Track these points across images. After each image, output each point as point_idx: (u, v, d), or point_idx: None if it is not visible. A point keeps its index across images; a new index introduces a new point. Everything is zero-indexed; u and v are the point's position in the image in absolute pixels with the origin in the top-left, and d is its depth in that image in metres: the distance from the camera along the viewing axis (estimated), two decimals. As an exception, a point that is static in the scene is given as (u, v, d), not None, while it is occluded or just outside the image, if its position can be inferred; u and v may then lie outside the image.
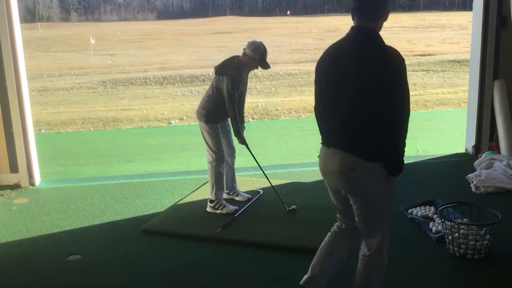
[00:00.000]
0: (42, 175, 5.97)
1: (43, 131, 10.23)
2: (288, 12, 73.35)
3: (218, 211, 4.63)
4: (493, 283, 3.44)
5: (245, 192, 5.10)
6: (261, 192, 5.16)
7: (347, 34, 2.65)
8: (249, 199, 4.97)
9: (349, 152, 2.57)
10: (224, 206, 4.65)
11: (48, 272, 3.72)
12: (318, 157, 2.80)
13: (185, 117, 11.15)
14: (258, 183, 5.45)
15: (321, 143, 2.78)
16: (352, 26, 2.63)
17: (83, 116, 11.56)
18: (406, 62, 2.60)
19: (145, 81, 18.50)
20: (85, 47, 32.07)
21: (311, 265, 2.99)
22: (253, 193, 5.14)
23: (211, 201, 4.68)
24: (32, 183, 5.77)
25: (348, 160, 2.58)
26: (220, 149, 4.62)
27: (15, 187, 5.69)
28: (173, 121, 10.84)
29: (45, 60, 27.03)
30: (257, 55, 4.47)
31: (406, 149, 2.67)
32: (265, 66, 4.58)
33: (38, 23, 64.96)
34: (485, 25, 5.97)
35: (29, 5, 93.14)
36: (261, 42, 4.56)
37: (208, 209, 4.71)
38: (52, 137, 9.65)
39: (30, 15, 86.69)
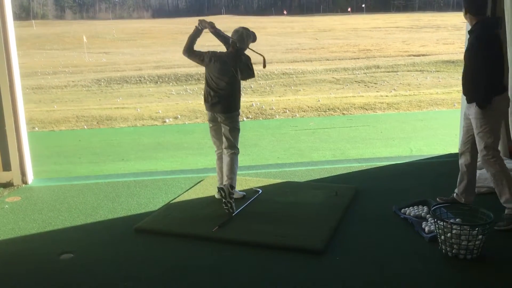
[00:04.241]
0: (35, 173, 5.93)
1: (37, 129, 10.19)
2: (285, 12, 73.35)
3: (233, 196, 4.64)
4: (485, 283, 3.45)
5: (243, 191, 5.12)
6: (260, 191, 5.15)
7: None
8: (244, 196, 4.99)
9: None
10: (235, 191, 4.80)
11: (40, 271, 3.71)
12: None
13: (179, 116, 11.12)
14: (251, 182, 5.44)
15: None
16: None
17: (77, 114, 11.51)
18: (401, 62, 2.63)
19: (140, 80, 18.46)
20: (80, 45, 31.96)
21: None
22: (252, 192, 5.13)
23: (232, 187, 4.65)
24: (24, 181, 5.74)
25: None
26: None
27: (8, 185, 5.65)
28: (167, 120, 10.82)
29: (39, 58, 26.93)
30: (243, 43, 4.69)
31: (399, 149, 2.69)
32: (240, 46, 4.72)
33: (33, 21, 64.68)
34: (479, 26, 5.98)
35: (23, 2, 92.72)
36: (242, 27, 4.77)
37: (217, 196, 4.85)
38: (46, 135, 9.61)
39: (24, 13, 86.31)
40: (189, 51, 4.77)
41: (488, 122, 4.03)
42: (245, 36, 4.70)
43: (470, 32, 4.11)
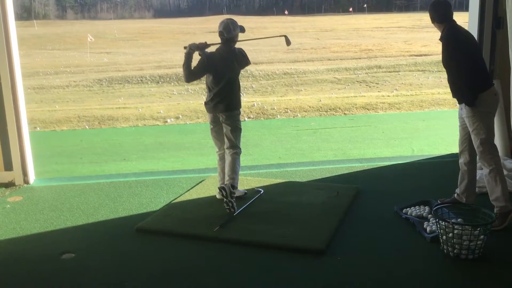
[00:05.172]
0: (37, 173, 5.94)
1: (38, 129, 10.21)
2: (286, 12, 73.32)
3: (234, 195, 4.65)
4: (487, 283, 3.44)
5: (244, 190, 5.12)
6: (262, 191, 5.14)
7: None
8: (245, 194, 5.02)
9: None
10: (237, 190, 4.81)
11: (42, 271, 3.71)
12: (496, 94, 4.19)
13: (181, 116, 11.13)
14: (253, 182, 5.44)
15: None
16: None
17: (79, 114, 11.52)
18: (402, 62, 2.66)
19: (141, 80, 18.47)
20: (81, 45, 32.00)
21: None
22: (253, 192, 5.13)
23: (234, 187, 4.66)
24: (26, 181, 5.74)
25: None
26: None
27: (9, 185, 5.66)
28: (169, 120, 10.83)
29: (41, 58, 26.95)
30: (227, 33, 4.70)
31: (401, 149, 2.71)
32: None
33: (34, 21, 64.67)
34: (481, 26, 5.98)
35: (25, 2, 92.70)
36: (227, 18, 4.81)
37: (218, 196, 4.86)
38: (47, 135, 9.63)
39: (26, 13, 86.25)
40: (192, 75, 4.75)
41: (479, 119, 4.11)
42: (231, 25, 4.72)
43: (440, 39, 4.25)
